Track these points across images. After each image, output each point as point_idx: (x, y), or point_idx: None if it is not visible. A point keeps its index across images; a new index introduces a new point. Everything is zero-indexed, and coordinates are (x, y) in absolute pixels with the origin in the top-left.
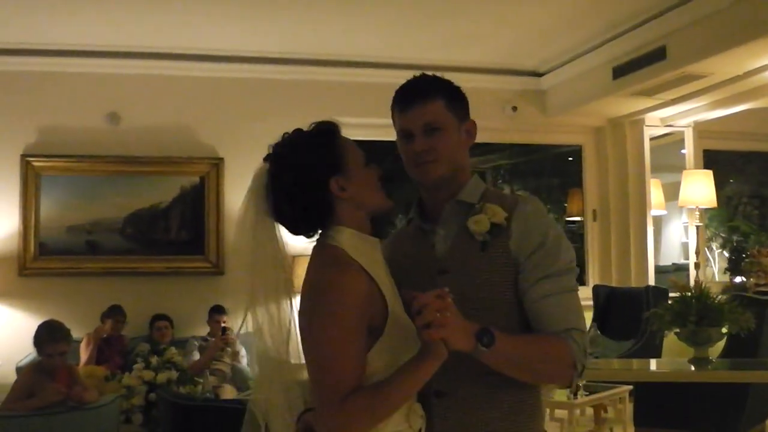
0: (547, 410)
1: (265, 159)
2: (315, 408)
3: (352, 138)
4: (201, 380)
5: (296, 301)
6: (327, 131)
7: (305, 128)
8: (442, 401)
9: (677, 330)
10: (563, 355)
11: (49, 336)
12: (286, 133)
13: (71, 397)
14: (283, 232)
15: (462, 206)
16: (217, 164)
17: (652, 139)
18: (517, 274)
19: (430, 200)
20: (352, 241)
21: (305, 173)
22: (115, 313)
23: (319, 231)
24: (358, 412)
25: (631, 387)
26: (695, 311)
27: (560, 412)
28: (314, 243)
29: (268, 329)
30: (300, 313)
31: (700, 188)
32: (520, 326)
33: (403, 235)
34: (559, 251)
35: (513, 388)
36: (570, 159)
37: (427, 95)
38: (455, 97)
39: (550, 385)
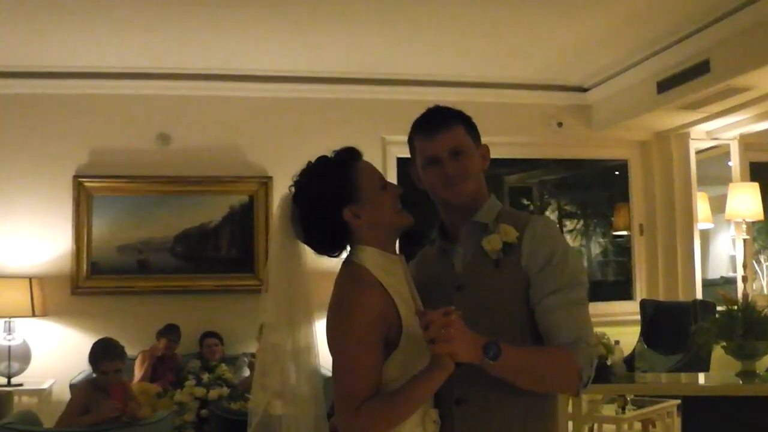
0: (595, 425)
1: (290, 186)
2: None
3: (397, 155)
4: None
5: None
6: (342, 161)
7: (330, 155)
8: (461, 408)
9: (724, 343)
10: (569, 366)
11: (104, 353)
12: (310, 161)
13: (126, 413)
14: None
15: (478, 227)
16: (265, 183)
17: (697, 152)
18: (528, 288)
19: (450, 222)
20: (374, 259)
21: (320, 203)
22: (170, 332)
23: (345, 250)
24: (373, 418)
25: (679, 401)
26: (741, 324)
27: (608, 427)
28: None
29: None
30: (326, 326)
31: (746, 201)
32: (532, 338)
33: (428, 255)
34: (566, 266)
35: (528, 396)
36: (617, 173)
37: (449, 122)
38: (471, 124)
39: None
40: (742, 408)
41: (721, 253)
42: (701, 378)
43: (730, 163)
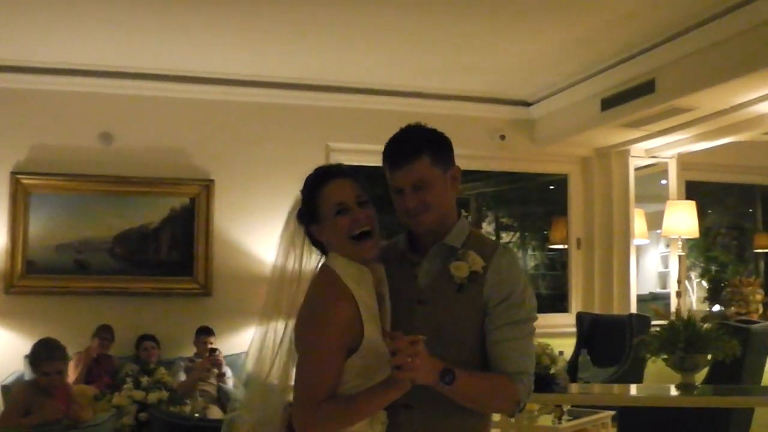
0: None
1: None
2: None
3: (341, 162)
4: (189, 401)
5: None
6: (311, 181)
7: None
8: (408, 413)
9: (665, 356)
10: (511, 394)
11: (47, 354)
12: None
13: (68, 415)
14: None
15: (446, 248)
16: (207, 186)
17: (636, 169)
18: (484, 316)
19: (418, 236)
20: (344, 267)
21: (298, 215)
22: (102, 331)
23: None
24: (326, 418)
25: (613, 412)
26: (683, 338)
27: None
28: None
29: (271, 345)
30: (297, 323)
31: (683, 218)
32: (478, 359)
33: (392, 256)
34: (523, 303)
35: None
36: (552, 187)
37: (414, 155)
38: (440, 150)
39: None
40: (677, 419)
41: (650, 269)
42: (634, 389)
43: (663, 182)
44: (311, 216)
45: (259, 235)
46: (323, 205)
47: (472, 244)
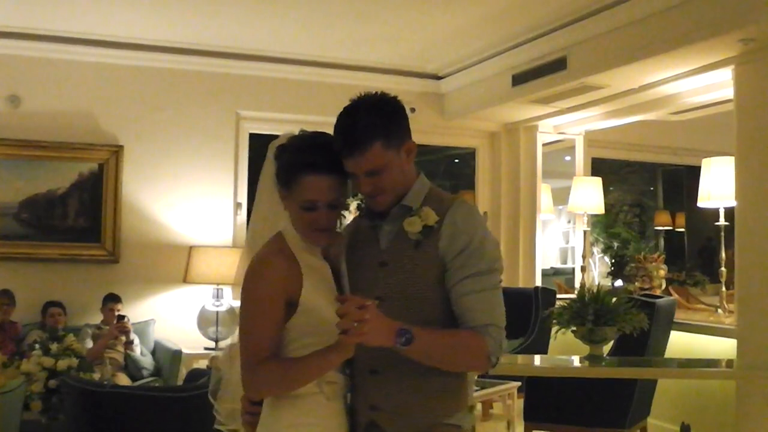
0: None
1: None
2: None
3: (250, 131)
4: (97, 369)
5: None
6: (295, 156)
7: (307, 134)
8: (375, 378)
9: (574, 328)
10: (478, 349)
11: None
12: (303, 130)
13: None
14: None
15: (405, 209)
16: (116, 152)
17: (543, 145)
18: (444, 272)
19: None
20: (293, 232)
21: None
22: (1, 297)
23: None
24: (268, 379)
25: (519, 383)
26: (593, 311)
27: None
28: None
29: None
30: None
31: (589, 194)
32: (445, 318)
33: (360, 228)
34: (483, 253)
35: (440, 371)
36: (456, 161)
37: (364, 144)
38: (392, 132)
39: None
40: (582, 390)
41: (552, 244)
42: (539, 360)
43: (567, 158)
44: (281, 180)
45: (168, 203)
46: (296, 189)
47: (431, 202)
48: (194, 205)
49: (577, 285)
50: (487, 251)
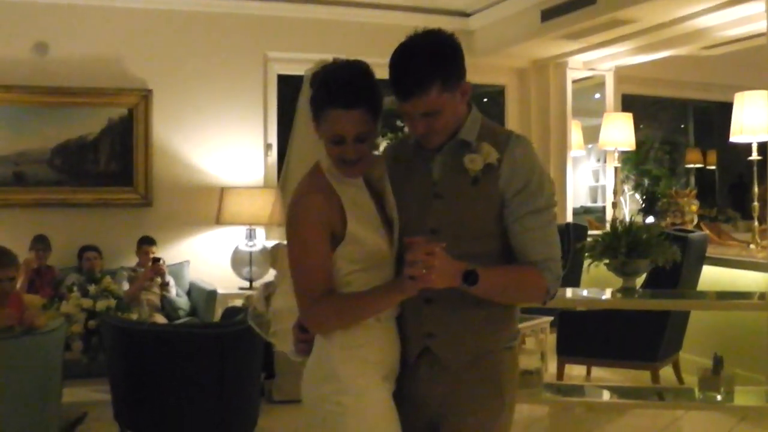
0: None
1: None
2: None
3: (279, 72)
4: (135, 310)
5: None
6: (323, 90)
7: (343, 62)
8: (430, 307)
9: (607, 261)
10: (537, 283)
11: None
12: (337, 59)
13: (22, 322)
14: None
15: (461, 143)
16: (146, 96)
17: (573, 82)
18: (502, 208)
19: None
20: (331, 165)
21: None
22: (37, 242)
23: None
24: (327, 314)
25: (551, 318)
26: (625, 244)
27: None
28: None
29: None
30: None
31: (620, 130)
32: (500, 251)
33: (404, 150)
34: (541, 191)
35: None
36: (485, 100)
37: (422, 86)
38: (450, 73)
39: None
40: (615, 323)
41: (582, 183)
42: (573, 293)
43: (597, 96)
44: (312, 112)
45: (199, 145)
46: (324, 123)
47: (486, 136)
48: (225, 147)
49: (608, 221)
50: (545, 188)
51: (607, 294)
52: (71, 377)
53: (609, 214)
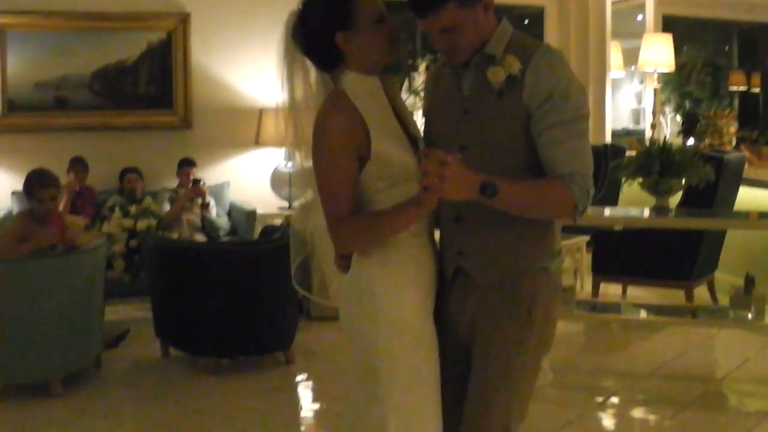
0: None
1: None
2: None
3: None
4: (175, 230)
5: None
6: None
7: None
8: (460, 225)
9: (640, 180)
10: (563, 198)
11: (40, 181)
12: None
13: (65, 240)
14: None
15: (487, 57)
16: (184, 19)
17: (612, 2)
18: (528, 121)
19: None
20: (353, 83)
21: (317, 24)
22: (76, 164)
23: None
24: (354, 233)
25: (587, 238)
26: (659, 162)
27: None
28: None
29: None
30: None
31: (659, 51)
32: (530, 167)
33: (443, 74)
34: (567, 101)
35: (525, 218)
36: (526, 22)
37: (437, 5)
38: None
39: None
40: (651, 243)
41: (624, 105)
42: (612, 211)
43: (639, 18)
44: (340, 22)
45: (237, 67)
46: (362, 10)
47: (514, 49)
48: (263, 69)
49: (647, 143)
50: (572, 98)
51: (642, 212)
52: (114, 296)
53: (648, 136)
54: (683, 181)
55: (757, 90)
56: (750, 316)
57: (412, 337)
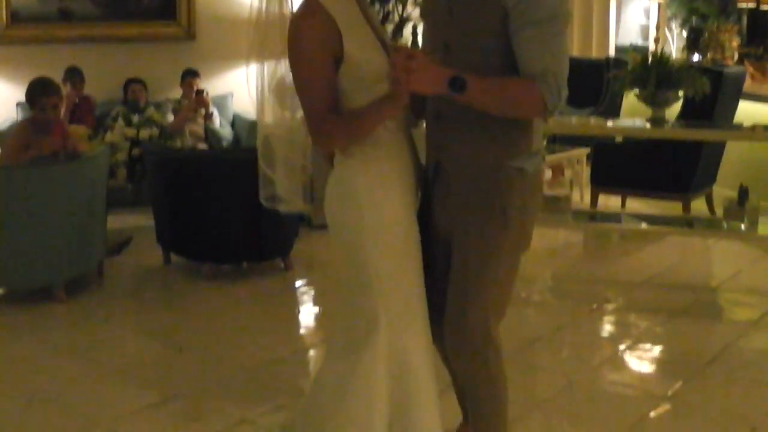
0: None
1: None
2: None
3: None
4: (179, 140)
5: None
6: None
7: None
8: (440, 122)
9: (637, 91)
10: (532, 95)
11: (42, 90)
12: None
13: (66, 148)
14: None
15: None
16: None
17: None
18: (506, 21)
19: None
20: None
21: None
22: (71, 75)
23: None
24: (334, 130)
25: (588, 150)
26: (655, 74)
27: None
28: None
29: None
30: None
31: None
32: (510, 68)
33: None
34: (543, 1)
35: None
36: None
37: None
38: None
39: None
40: (649, 156)
41: (632, 21)
42: (611, 123)
43: None
44: None
45: None
46: None
47: None
48: None
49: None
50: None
51: (640, 123)
52: (117, 206)
53: (651, 49)
54: (680, 93)
55: (766, 7)
56: (743, 227)
57: (395, 228)
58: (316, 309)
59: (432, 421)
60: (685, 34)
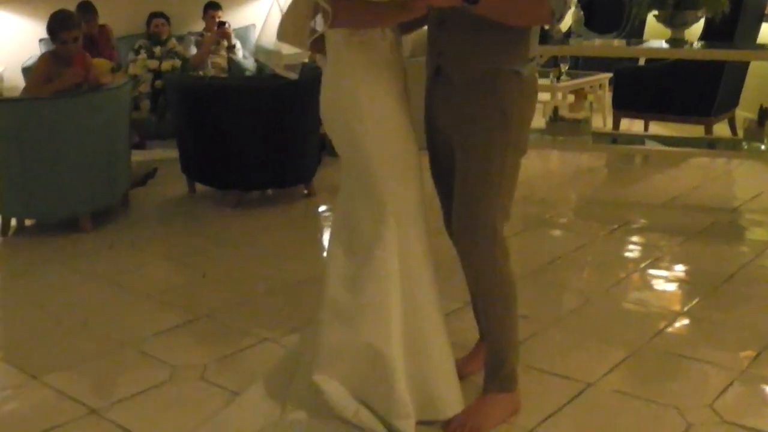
0: None
1: None
2: None
3: None
4: (201, 72)
5: None
6: None
7: None
8: (442, 29)
9: (656, 13)
10: (540, 4)
11: (62, 23)
12: None
13: (89, 79)
14: None
15: None
16: None
17: None
18: None
19: None
20: None
21: None
22: (83, 11)
23: None
24: (347, 12)
25: (610, 75)
26: None
27: (543, 95)
28: None
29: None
30: None
31: None
32: None
33: None
34: None
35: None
36: None
37: None
38: None
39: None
40: (671, 80)
41: None
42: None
43: None
44: None
45: None
46: None
47: None
48: None
49: None
50: None
51: (659, 44)
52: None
53: None
54: (699, 14)
55: None
56: (763, 147)
57: (394, 123)
58: None
59: (436, 323)
60: None
